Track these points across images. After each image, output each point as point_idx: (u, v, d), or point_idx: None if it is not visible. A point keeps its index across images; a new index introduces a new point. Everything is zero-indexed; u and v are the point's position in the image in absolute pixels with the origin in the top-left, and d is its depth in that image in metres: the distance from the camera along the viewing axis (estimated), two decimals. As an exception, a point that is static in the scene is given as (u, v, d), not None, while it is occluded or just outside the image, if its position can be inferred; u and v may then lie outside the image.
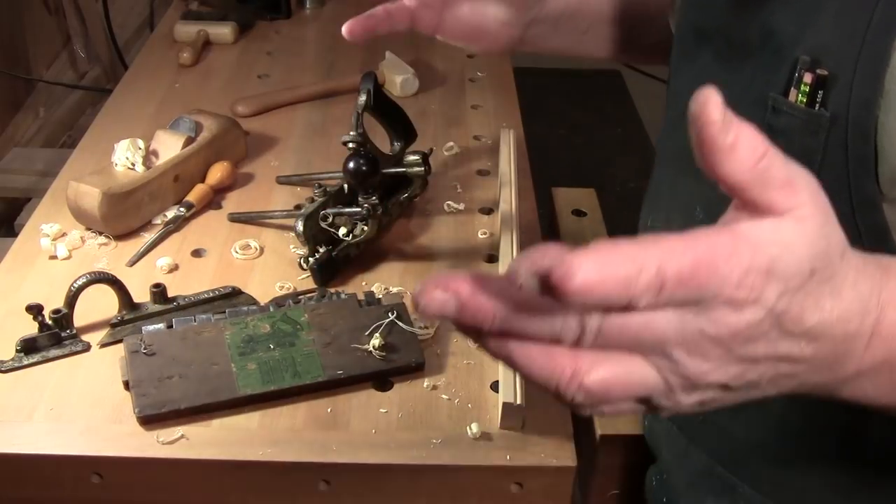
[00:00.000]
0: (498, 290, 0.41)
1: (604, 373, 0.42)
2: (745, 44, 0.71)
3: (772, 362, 0.44)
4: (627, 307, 0.39)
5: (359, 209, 0.99)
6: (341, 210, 1.00)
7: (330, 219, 0.99)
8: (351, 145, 0.99)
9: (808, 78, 0.63)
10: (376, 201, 0.99)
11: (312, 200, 1.01)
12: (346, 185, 1.03)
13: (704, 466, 0.80)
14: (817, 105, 0.63)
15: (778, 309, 0.42)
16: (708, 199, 0.73)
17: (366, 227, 0.99)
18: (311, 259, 0.98)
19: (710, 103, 0.41)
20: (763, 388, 0.45)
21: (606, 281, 0.38)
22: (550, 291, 0.38)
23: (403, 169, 1.07)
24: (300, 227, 0.97)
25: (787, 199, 0.42)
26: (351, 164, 0.99)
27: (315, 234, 0.99)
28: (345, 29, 0.87)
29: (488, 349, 0.43)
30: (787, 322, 0.43)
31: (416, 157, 1.07)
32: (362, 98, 1.02)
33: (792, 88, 0.65)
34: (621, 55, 1.05)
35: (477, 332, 0.42)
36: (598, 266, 0.37)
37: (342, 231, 0.99)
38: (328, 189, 1.03)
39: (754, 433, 0.75)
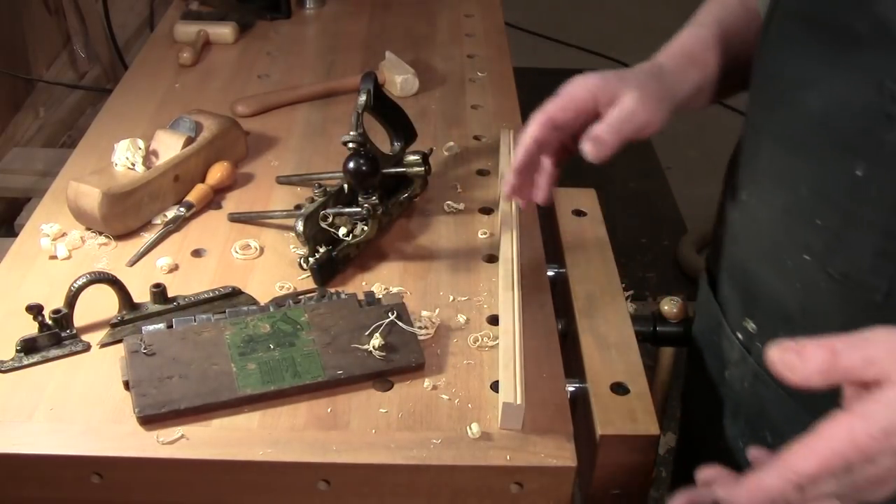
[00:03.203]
0: None
1: None
2: (855, 33, 0.71)
3: None
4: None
5: (358, 209, 0.99)
6: (341, 210, 0.99)
7: (330, 219, 0.99)
8: (351, 145, 0.99)
9: None
10: (376, 201, 0.99)
11: (312, 200, 1.01)
12: (346, 185, 1.03)
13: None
14: None
15: None
16: (814, 178, 0.76)
17: (366, 228, 0.99)
18: (310, 259, 0.97)
19: (781, 367, 0.61)
20: None
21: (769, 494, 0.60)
22: None
23: (403, 169, 1.07)
24: (300, 226, 0.97)
25: (872, 373, 0.58)
26: (351, 164, 0.98)
27: (315, 234, 0.99)
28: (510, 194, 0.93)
29: None
30: None
31: (416, 157, 1.07)
32: (362, 98, 1.02)
33: None
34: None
35: None
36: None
37: (342, 231, 0.99)
38: (328, 189, 1.03)
39: None
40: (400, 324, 0.89)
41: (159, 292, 0.93)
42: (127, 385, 0.83)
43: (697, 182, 2.67)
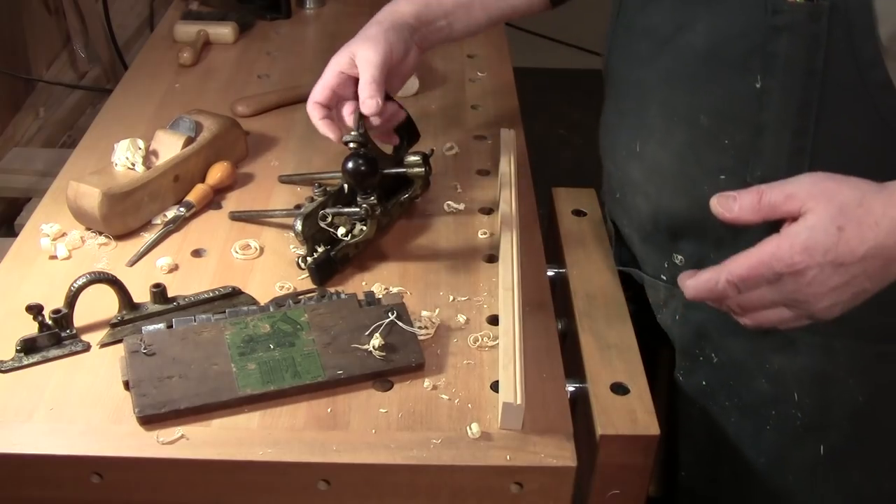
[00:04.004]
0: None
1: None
2: None
3: (846, 284, 0.72)
4: (727, 300, 0.77)
5: (357, 209, 0.98)
6: (340, 210, 0.99)
7: (329, 218, 0.99)
8: (352, 145, 0.99)
9: None
10: (374, 202, 0.98)
11: (312, 200, 1.01)
12: (345, 186, 1.03)
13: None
14: None
15: (827, 259, 0.70)
16: (714, 104, 0.85)
17: (364, 228, 0.99)
18: (308, 259, 0.97)
19: (721, 210, 0.75)
20: (863, 291, 0.73)
21: (700, 294, 0.77)
22: None
23: (403, 169, 1.07)
24: (298, 226, 0.97)
25: (794, 205, 0.72)
26: (350, 164, 0.98)
27: (314, 234, 0.99)
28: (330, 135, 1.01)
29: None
30: (843, 259, 0.70)
31: (416, 158, 1.07)
32: None
33: None
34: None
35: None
36: (693, 286, 0.78)
37: (341, 231, 0.99)
38: (328, 189, 1.02)
39: None
40: (400, 324, 0.89)
41: (159, 292, 0.93)
42: (127, 385, 0.83)
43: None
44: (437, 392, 0.85)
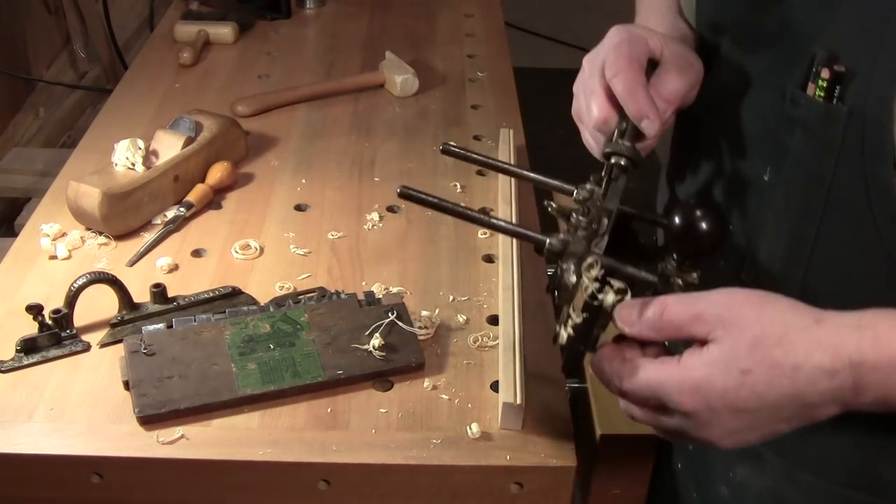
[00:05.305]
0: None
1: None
2: (762, 35, 0.72)
3: (748, 428, 0.61)
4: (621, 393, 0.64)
5: (651, 277, 0.64)
6: (623, 268, 0.64)
7: (597, 270, 0.64)
8: (622, 162, 0.72)
9: (825, 73, 0.64)
10: (695, 279, 0.65)
11: (586, 212, 0.68)
12: (603, 216, 0.70)
13: None
14: (835, 99, 0.65)
15: (724, 403, 0.59)
16: (727, 181, 0.78)
17: (626, 295, 0.64)
18: (568, 328, 0.66)
19: (620, 322, 0.63)
20: (776, 432, 0.62)
21: (603, 377, 0.65)
22: None
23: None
24: (571, 274, 0.65)
25: (701, 330, 0.60)
26: (681, 220, 0.64)
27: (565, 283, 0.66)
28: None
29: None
30: (745, 405, 0.59)
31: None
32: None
33: (810, 83, 0.66)
34: None
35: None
36: (597, 368, 0.65)
37: (609, 298, 0.63)
38: (602, 207, 0.69)
39: None
40: (400, 324, 0.89)
41: (159, 292, 0.93)
42: (127, 385, 0.83)
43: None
44: (437, 392, 0.85)
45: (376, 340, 0.86)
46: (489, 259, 1.03)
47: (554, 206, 0.72)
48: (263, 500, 0.80)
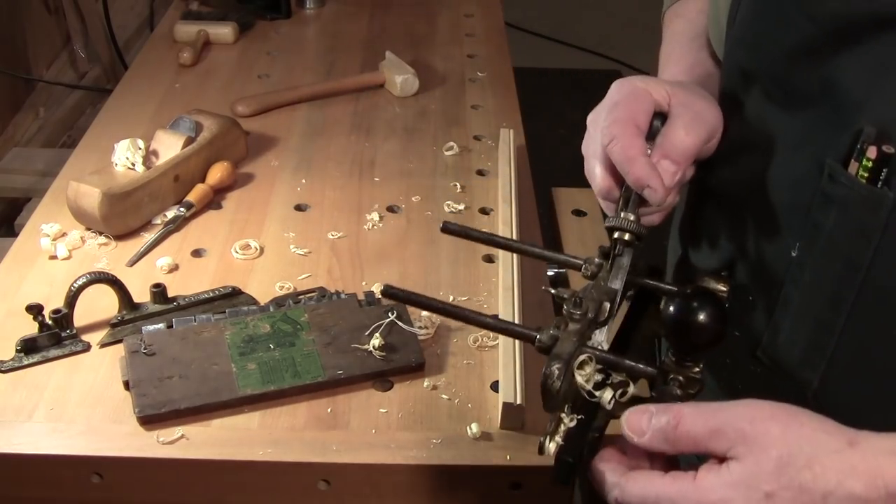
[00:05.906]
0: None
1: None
2: (801, 95, 0.65)
3: None
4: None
5: (650, 370, 0.59)
6: (620, 361, 0.59)
7: (590, 368, 0.59)
8: (625, 237, 0.66)
9: (872, 153, 0.57)
10: (698, 374, 0.59)
11: (577, 303, 0.60)
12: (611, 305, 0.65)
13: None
14: (880, 183, 0.58)
15: None
16: (750, 250, 0.71)
17: (632, 389, 0.59)
18: (556, 439, 0.60)
19: (628, 431, 0.57)
20: None
21: (599, 484, 0.57)
22: None
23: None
24: (555, 375, 0.57)
25: (720, 445, 0.53)
26: (677, 311, 0.57)
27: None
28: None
29: None
30: None
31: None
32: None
33: (853, 160, 0.59)
34: None
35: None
36: (595, 473, 0.58)
37: (607, 395, 0.59)
38: (584, 297, 0.62)
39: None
40: (400, 324, 0.89)
41: (159, 292, 0.93)
42: (127, 385, 0.83)
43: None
44: (438, 392, 0.85)
45: (376, 340, 0.86)
46: (489, 259, 1.03)
47: (553, 292, 0.68)
48: (263, 500, 0.80)
